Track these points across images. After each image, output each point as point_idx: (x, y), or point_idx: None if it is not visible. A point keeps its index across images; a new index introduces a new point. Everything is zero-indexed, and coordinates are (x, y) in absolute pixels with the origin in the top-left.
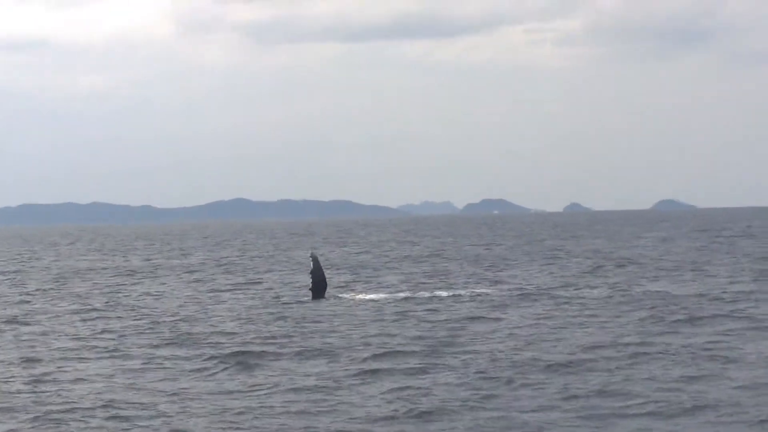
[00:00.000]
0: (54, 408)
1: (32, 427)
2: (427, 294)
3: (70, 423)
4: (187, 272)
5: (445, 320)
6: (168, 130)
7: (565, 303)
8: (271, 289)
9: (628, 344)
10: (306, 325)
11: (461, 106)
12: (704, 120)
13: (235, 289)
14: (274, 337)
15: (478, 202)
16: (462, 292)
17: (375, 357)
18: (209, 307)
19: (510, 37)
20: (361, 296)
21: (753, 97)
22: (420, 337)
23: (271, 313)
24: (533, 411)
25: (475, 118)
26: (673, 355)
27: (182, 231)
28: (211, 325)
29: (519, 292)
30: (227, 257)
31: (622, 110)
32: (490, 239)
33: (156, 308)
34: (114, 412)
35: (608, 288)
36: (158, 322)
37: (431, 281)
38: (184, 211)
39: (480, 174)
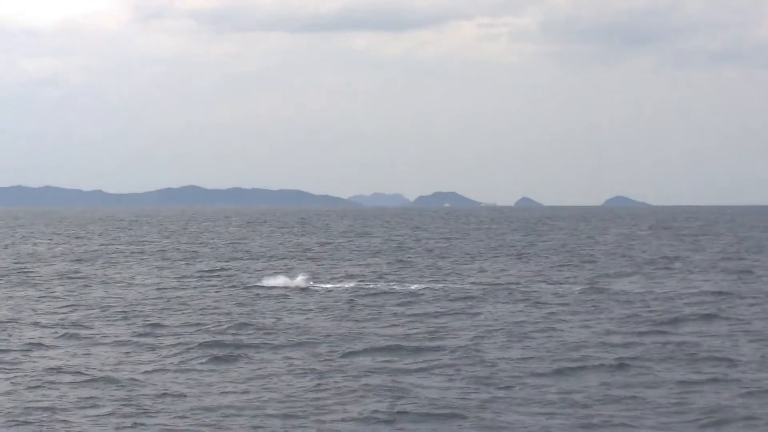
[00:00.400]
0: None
1: None
2: (397, 287)
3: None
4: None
5: (423, 314)
6: (120, 116)
7: (540, 299)
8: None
9: (615, 345)
10: (281, 315)
11: (414, 99)
12: (656, 118)
13: (201, 278)
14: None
15: (429, 194)
16: (432, 285)
17: (355, 353)
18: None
19: (463, 32)
20: (328, 286)
21: (704, 97)
22: (404, 335)
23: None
24: (531, 415)
25: (429, 111)
26: (669, 357)
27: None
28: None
29: (490, 287)
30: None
31: (575, 107)
32: (447, 232)
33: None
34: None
35: (583, 284)
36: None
37: (398, 273)
38: (135, 197)
39: (431, 167)
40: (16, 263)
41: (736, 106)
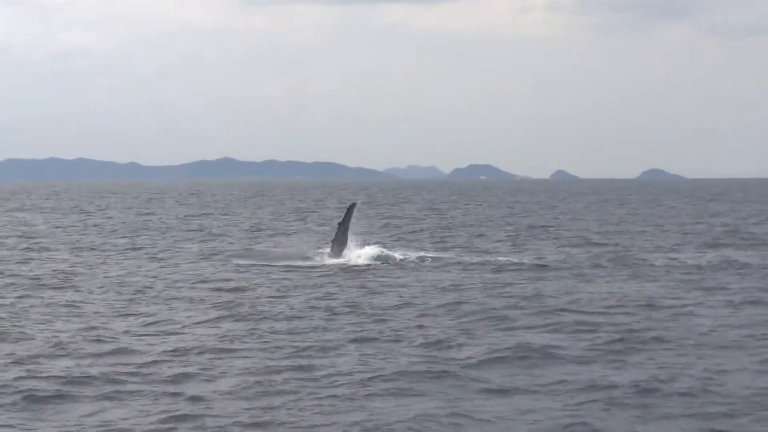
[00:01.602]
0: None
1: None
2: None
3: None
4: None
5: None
6: (155, 88)
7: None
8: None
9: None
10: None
11: (450, 71)
12: (691, 91)
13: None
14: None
15: (464, 167)
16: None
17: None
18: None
19: (498, 4)
20: (399, 256)
21: (738, 69)
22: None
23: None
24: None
25: (464, 84)
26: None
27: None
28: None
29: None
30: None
31: (610, 79)
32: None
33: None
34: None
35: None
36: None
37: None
38: (170, 169)
39: (467, 140)
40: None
41: None
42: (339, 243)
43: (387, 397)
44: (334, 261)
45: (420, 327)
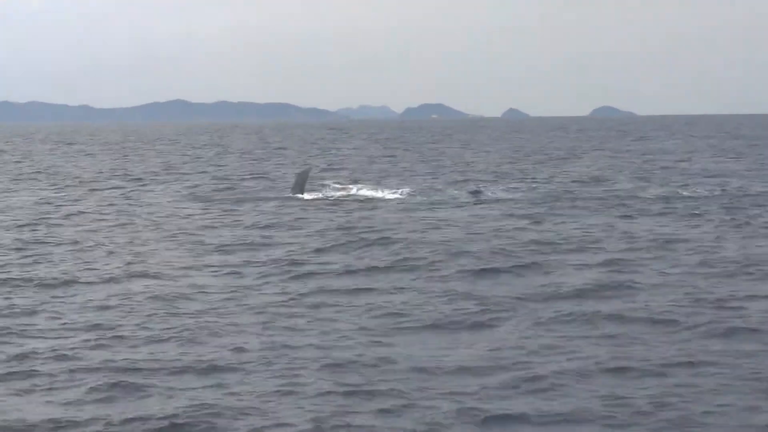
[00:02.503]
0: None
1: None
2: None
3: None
4: None
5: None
6: (104, 30)
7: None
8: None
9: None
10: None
11: (399, 10)
12: (641, 28)
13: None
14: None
15: (416, 106)
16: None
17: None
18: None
19: None
20: (370, 193)
21: (682, 5)
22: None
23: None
24: None
25: (412, 19)
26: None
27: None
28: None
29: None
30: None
31: (559, 17)
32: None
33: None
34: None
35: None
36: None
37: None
38: (123, 111)
39: (419, 79)
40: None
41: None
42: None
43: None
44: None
45: None
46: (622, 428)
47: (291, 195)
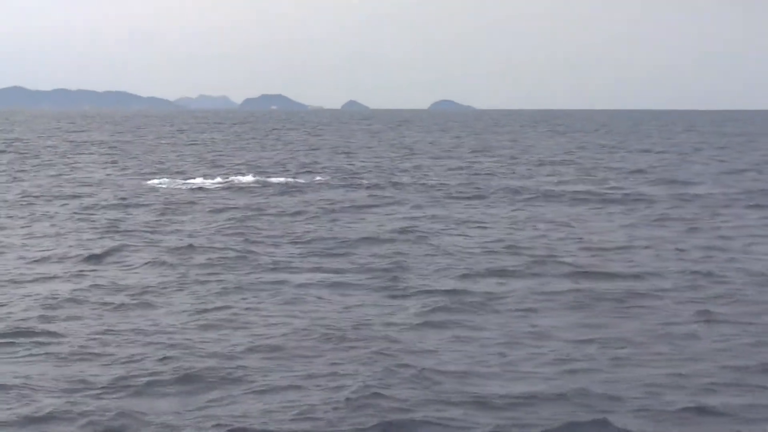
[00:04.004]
0: None
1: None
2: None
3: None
4: None
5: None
6: None
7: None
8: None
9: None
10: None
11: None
12: (481, 20)
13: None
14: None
15: (256, 97)
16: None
17: None
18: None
19: None
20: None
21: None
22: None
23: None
24: None
25: (255, 11)
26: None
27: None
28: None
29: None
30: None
31: (398, 7)
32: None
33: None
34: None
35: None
36: None
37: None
38: None
39: (258, 69)
40: None
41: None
42: None
43: None
44: None
45: None
46: None
47: None
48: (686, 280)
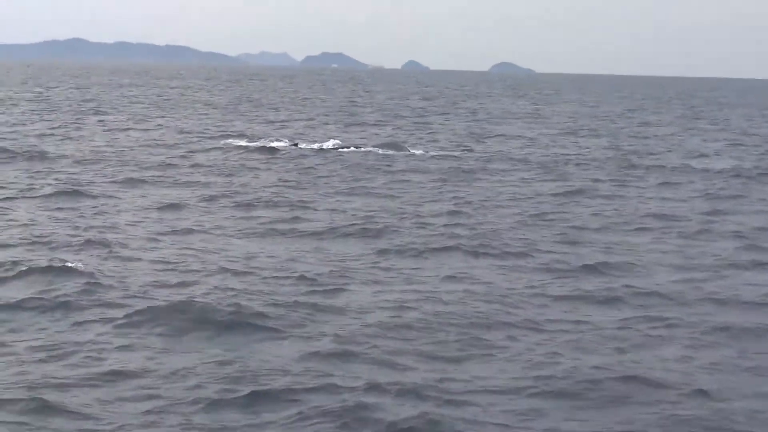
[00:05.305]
0: None
1: None
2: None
3: None
4: None
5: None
6: None
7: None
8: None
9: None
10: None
11: None
12: None
13: None
14: None
15: (317, 54)
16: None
17: None
18: None
19: None
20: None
21: None
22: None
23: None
24: None
25: None
26: None
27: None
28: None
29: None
30: None
31: None
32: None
33: None
34: None
35: None
36: None
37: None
38: (20, 48)
39: (319, 27)
40: None
41: None
42: None
43: None
44: None
45: None
46: None
47: None
48: None
